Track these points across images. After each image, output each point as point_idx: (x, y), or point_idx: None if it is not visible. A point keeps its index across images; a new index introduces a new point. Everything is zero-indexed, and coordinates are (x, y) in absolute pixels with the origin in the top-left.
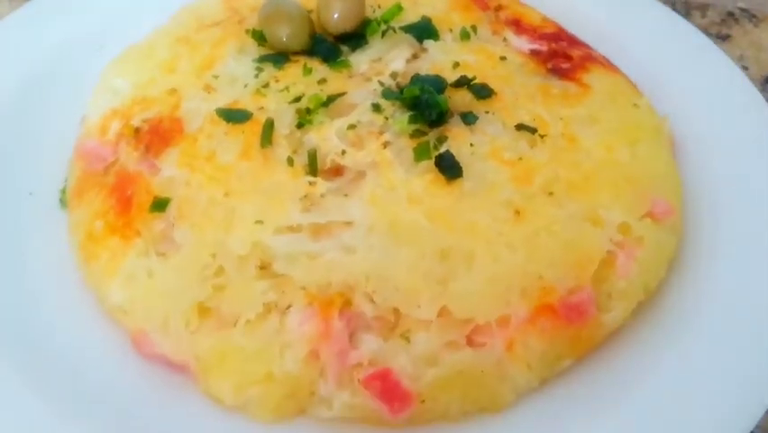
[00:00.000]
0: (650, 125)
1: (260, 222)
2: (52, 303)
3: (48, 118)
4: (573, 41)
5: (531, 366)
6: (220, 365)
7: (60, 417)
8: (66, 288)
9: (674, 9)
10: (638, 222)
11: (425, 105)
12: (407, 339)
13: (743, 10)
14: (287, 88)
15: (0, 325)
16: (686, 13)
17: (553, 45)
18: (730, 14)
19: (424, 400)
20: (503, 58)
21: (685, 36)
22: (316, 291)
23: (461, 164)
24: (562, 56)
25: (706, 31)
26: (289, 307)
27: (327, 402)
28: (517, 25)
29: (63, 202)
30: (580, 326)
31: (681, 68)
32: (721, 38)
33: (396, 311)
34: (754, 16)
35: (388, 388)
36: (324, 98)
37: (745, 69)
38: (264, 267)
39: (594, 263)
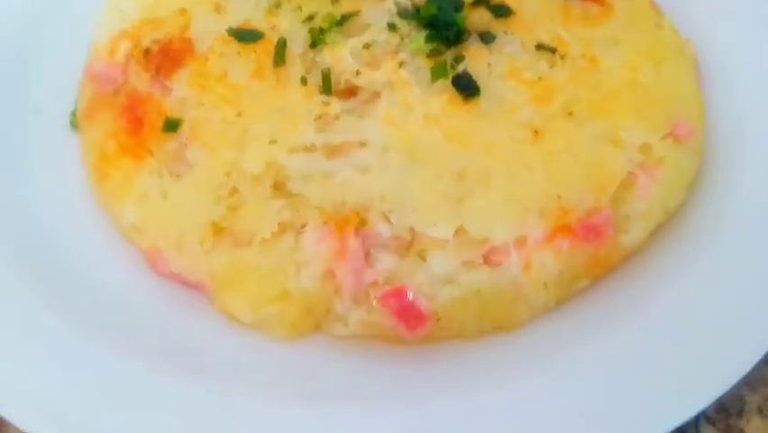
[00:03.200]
0: (674, 46)
1: (274, 141)
2: (64, 222)
3: (55, 43)
4: None
5: (547, 286)
6: (236, 283)
7: (78, 334)
8: (78, 206)
9: None
10: (659, 142)
11: (443, 25)
12: (423, 258)
13: None
14: (299, 8)
15: (14, 244)
16: None
17: None
18: None
19: (439, 319)
20: None
21: None
22: (332, 210)
23: (478, 83)
24: None
25: None
26: (304, 226)
27: (343, 320)
28: None
29: (74, 124)
30: (597, 246)
31: None
32: None
33: (412, 230)
34: None
35: (404, 306)
36: (338, 17)
37: None
38: (278, 187)
39: (614, 184)
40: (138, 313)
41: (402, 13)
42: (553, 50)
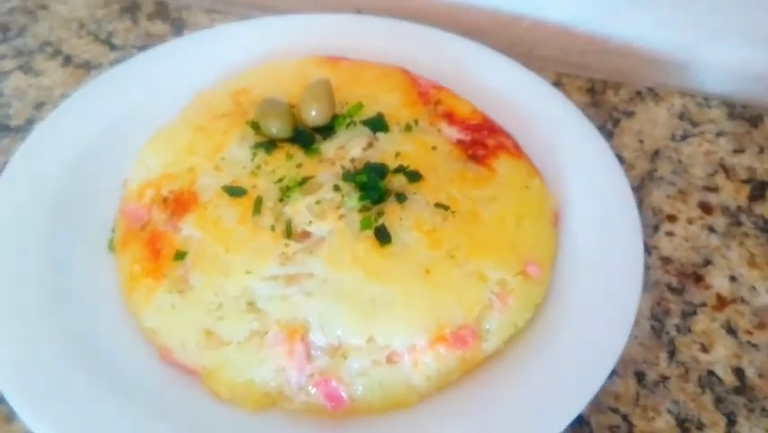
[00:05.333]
0: (536, 204)
1: (249, 272)
2: (101, 323)
3: (97, 179)
4: (493, 130)
5: (430, 378)
6: (218, 373)
7: (112, 402)
8: (112, 312)
9: (594, 87)
10: (513, 278)
11: (370, 189)
12: (346, 358)
13: (649, 89)
14: (273, 171)
15: (65, 340)
16: (603, 90)
17: (476, 135)
18: (638, 93)
19: (354, 401)
20: (434, 147)
21: (583, 131)
22: (286, 323)
23: (391, 234)
24: (480, 145)
25: (616, 108)
26: (267, 333)
27: (290, 400)
28: (450, 117)
29: (111, 248)
30: (464, 351)
31: (572, 156)
32: (627, 114)
33: (338, 339)
34: (656, 95)
35: (330, 392)
36: (300, 179)
37: (641, 142)
38: (251, 304)
39: (478, 308)
40: (153, 389)
41: (345, 177)
42: (446, 208)
